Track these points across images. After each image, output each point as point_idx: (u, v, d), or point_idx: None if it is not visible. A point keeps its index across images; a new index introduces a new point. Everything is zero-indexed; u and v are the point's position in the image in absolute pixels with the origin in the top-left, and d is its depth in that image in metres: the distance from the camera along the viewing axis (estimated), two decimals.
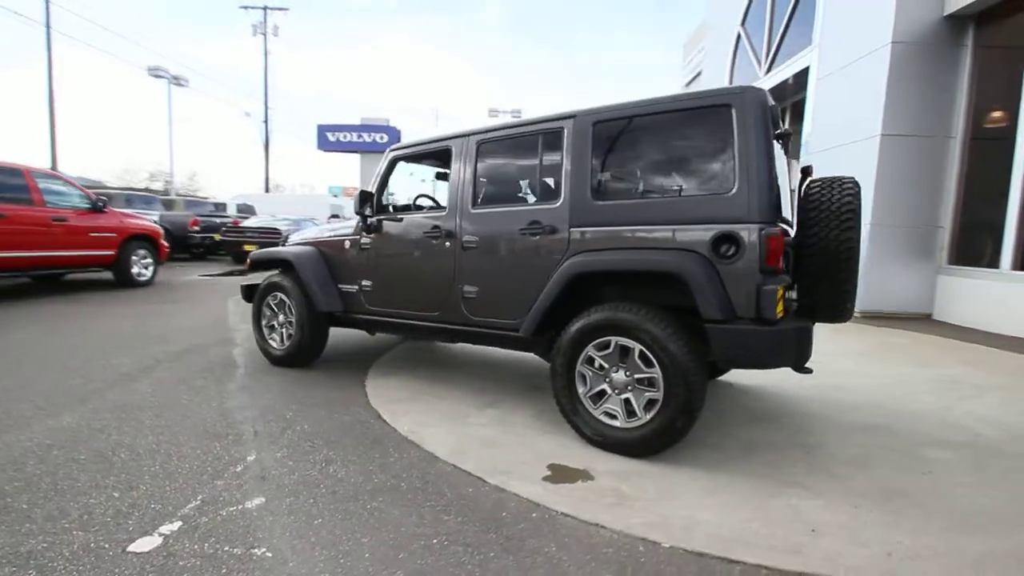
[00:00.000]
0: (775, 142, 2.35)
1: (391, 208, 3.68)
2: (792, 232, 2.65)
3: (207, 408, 3.07)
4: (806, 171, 2.72)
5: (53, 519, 1.87)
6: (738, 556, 1.77)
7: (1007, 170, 5.62)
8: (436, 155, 3.47)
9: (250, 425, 2.81)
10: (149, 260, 8.44)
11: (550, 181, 2.80)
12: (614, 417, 2.53)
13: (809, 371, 2.38)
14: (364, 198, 3.41)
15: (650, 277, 2.51)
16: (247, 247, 12.83)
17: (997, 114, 6.02)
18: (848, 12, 7.02)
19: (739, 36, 10.78)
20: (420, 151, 3.44)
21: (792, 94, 9.30)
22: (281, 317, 4.03)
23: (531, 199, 2.92)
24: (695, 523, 1.95)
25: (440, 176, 4.05)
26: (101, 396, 3.22)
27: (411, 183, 3.86)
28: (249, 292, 4.30)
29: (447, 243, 3.13)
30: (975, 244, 6.18)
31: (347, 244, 3.69)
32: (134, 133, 71.93)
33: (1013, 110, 5.52)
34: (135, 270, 8.15)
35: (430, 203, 3.87)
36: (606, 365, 2.54)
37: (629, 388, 2.49)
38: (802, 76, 8.26)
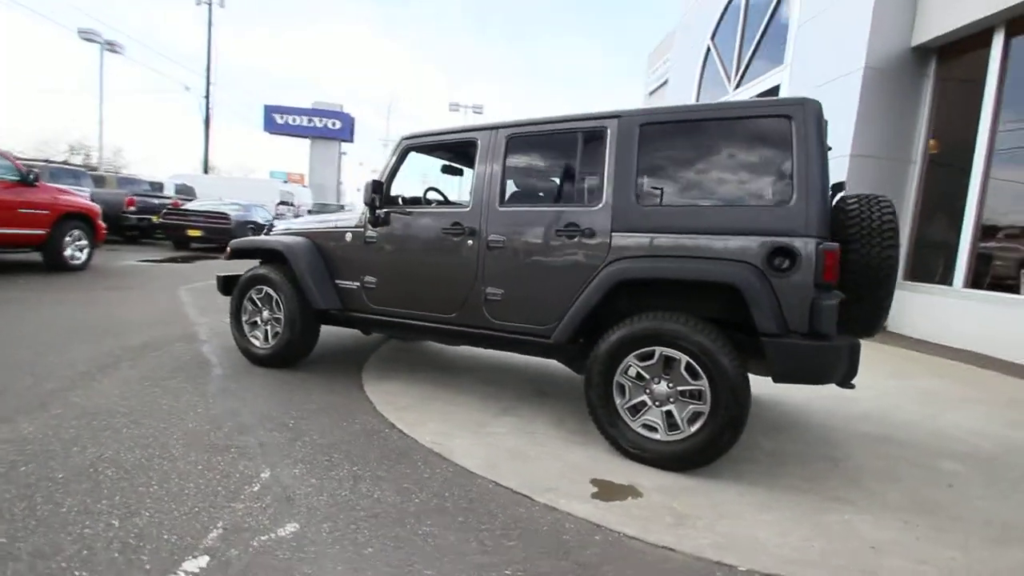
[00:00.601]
0: None
1: (400, 201, 3.43)
2: None
3: (193, 415, 2.73)
4: (838, 186, 2.75)
5: (44, 557, 1.55)
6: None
7: (959, 195, 6.06)
8: (456, 147, 3.27)
9: (251, 435, 2.52)
10: (84, 242, 7.60)
11: (589, 182, 2.69)
12: (654, 430, 2.45)
13: (852, 386, 2.40)
14: (375, 188, 3.15)
15: (695, 287, 2.45)
16: (191, 232, 11.92)
17: (952, 142, 6.50)
18: (821, 35, 7.36)
19: (708, 50, 11.11)
20: (438, 141, 3.22)
21: None
22: (266, 313, 3.68)
23: (566, 200, 2.79)
24: (760, 543, 1.90)
25: (447, 170, 3.84)
26: (62, 399, 2.79)
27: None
28: (227, 284, 3.90)
29: (469, 241, 2.94)
30: (929, 262, 6.65)
31: (348, 237, 3.41)
32: (55, 102, 65.29)
33: (969, 139, 5.96)
34: (68, 252, 7.31)
35: (438, 197, 3.65)
36: (647, 376, 2.46)
37: (671, 400, 2.42)
38: (772, 94, 8.60)
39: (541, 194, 2.92)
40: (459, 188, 4.03)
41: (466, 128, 3.08)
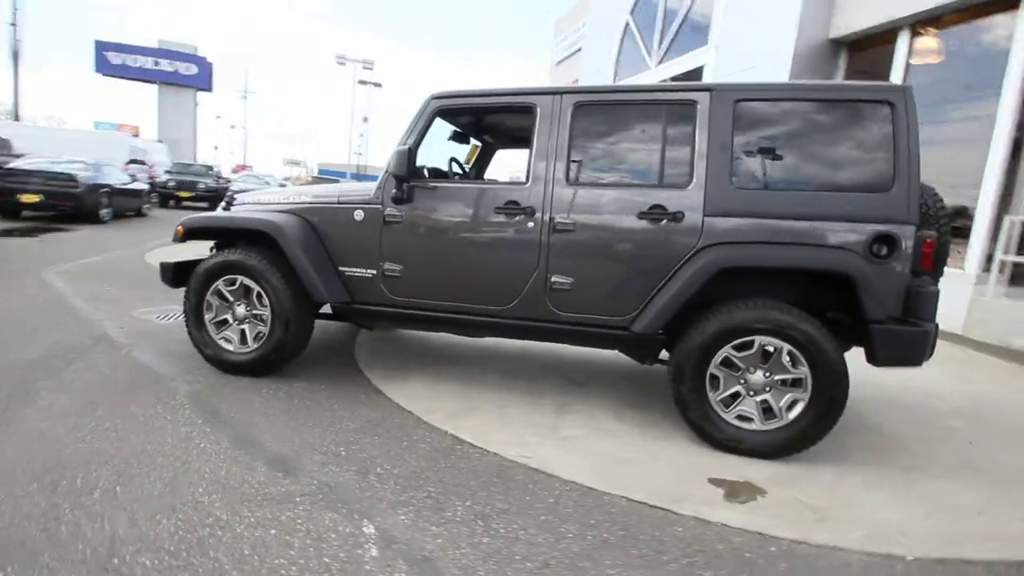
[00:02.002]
0: None
1: (426, 173, 2.90)
2: None
3: (198, 453, 2.09)
4: None
5: None
6: (968, 555, 1.81)
7: None
8: (501, 112, 2.82)
9: (304, 475, 1.98)
10: None
11: (676, 161, 2.47)
12: (748, 420, 2.40)
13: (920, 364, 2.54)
14: (410, 158, 2.61)
15: (781, 274, 2.40)
16: (24, 198, 9.44)
17: None
18: (749, 21, 7.77)
19: (627, 24, 11.25)
20: (479, 104, 2.73)
21: None
22: (241, 309, 2.95)
23: (648, 179, 2.54)
24: (899, 527, 1.94)
25: (457, 138, 3.34)
26: None
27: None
28: (178, 274, 3.06)
29: (530, 223, 2.58)
30: None
31: (359, 215, 2.82)
32: None
33: None
34: None
35: (457, 170, 3.18)
36: (742, 366, 2.39)
37: (767, 389, 2.38)
38: (696, 74, 8.97)
39: (617, 172, 2.62)
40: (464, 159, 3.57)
41: (520, 90, 2.65)
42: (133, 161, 17.83)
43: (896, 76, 6.43)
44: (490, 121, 3.23)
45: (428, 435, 2.41)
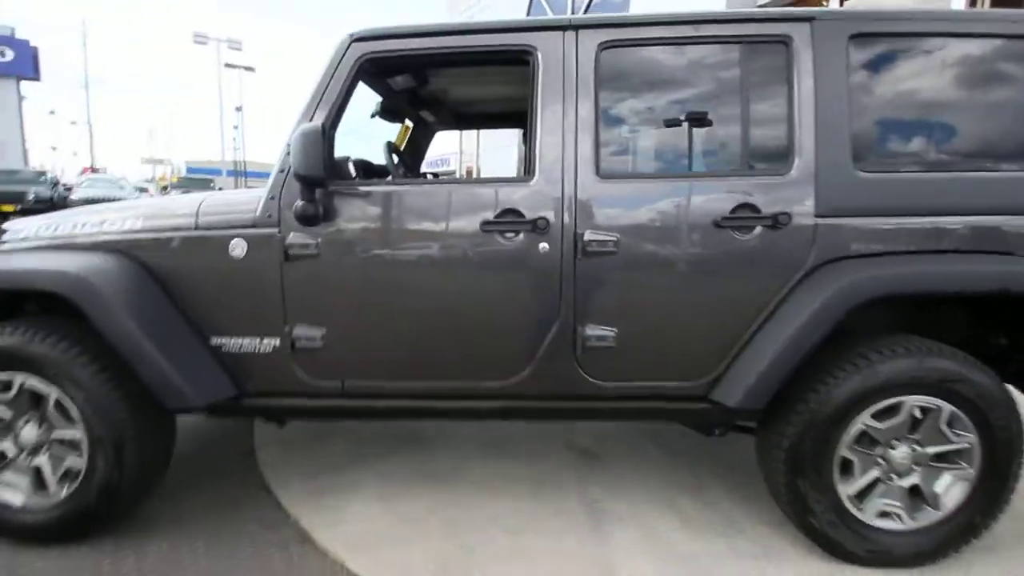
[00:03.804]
0: None
1: (352, 170, 1.76)
2: None
3: None
4: None
5: None
6: None
7: None
8: (473, 64, 1.73)
9: None
10: None
11: (766, 133, 1.58)
12: (889, 516, 1.62)
13: None
14: (325, 143, 1.46)
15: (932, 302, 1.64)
16: None
17: None
18: None
19: None
20: (435, 50, 1.62)
21: None
22: (27, 431, 1.64)
23: (725, 164, 1.63)
24: None
25: (382, 114, 2.21)
26: None
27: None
28: None
29: (541, 244, 1.57)
30: None
31: (237, 248, 1.62)
32: None
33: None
34: None
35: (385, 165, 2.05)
36: (880, 440, 1.59)
37: (915, 469, 1.61)
38: None
39: (675, 155, 1.68)
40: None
41: (504, 26, 1.59)
42: None
43: None
44: (442, 83, 2.12)
45: None
